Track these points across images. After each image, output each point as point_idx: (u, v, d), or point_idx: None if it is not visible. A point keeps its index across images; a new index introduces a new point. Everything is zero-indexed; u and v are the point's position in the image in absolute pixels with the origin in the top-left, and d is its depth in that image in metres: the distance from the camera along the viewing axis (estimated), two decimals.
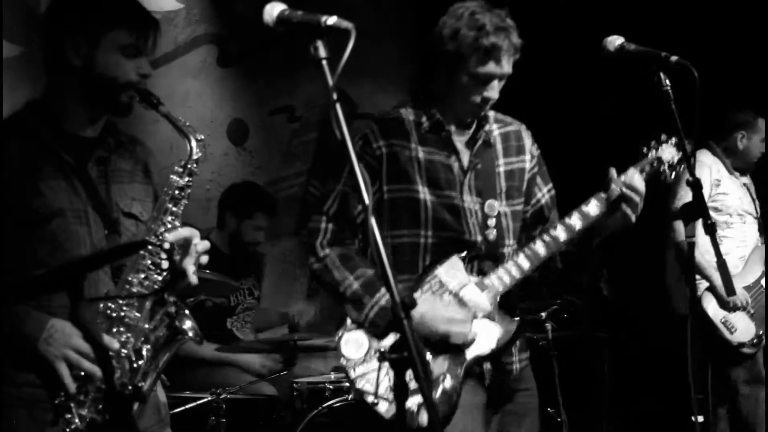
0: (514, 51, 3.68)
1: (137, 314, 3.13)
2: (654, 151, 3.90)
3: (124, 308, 3.11)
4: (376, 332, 3.61)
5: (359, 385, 3.62)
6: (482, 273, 3.71)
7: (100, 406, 3.05)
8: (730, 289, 4.30)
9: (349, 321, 3.67)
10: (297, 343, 5.47)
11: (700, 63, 3.49)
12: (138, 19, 3.25)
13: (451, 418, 3.58)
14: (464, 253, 3.70)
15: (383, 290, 3.55)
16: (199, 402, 5.13)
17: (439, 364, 3.63)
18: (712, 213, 5.48)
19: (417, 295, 3.63)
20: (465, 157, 3.80)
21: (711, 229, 3.57)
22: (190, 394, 5.17)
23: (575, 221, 3.73)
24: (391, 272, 2.57)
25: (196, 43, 6.74)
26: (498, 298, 3.69)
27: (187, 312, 3.16)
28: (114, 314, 3.11)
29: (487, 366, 3.72)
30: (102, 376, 3.01)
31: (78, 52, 3.18)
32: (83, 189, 3.21)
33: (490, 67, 3.65)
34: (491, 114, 3.87)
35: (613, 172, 3.73)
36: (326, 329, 5.42)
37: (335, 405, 5.23)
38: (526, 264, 3.72)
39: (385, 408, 3.58)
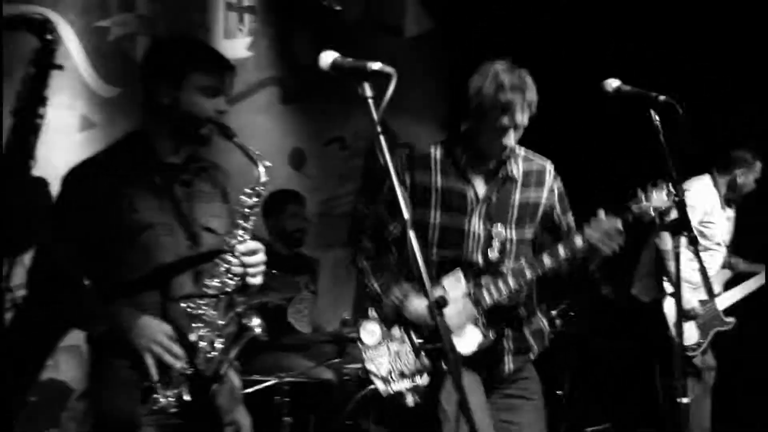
0: (528, 106, 3.75)
1: (213, 312, 3.19)
2: (644, 195, 3.83)
3: (203, 307, 3.18)
4: (388, 324, 3.79)
5: (367, 365, 3.83)
6: (479, 285, 3.81)
7: (183, 388, 3.12)
8: (710, 292, 4.33)
9: (369, 313, 3.84)
10: (348, 335, 5.53)
11: (717, 101, 3.51)
12: (215, 64, 3.34)
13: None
14: (466, 269, 3.82)
15: (395, 290, 3.81)
16: (266, 384, 5.18)
17: (426, 359, 3.79)
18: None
19: (417, 301, 3.79)
20: (480, 188, 3.89)
21: (693, 241, 3.61)
22: (258, 377, 5.20)
23: (561, 250, 3.79)
24: (427, 277, 2.67)
25: (262, 85, 6.80)
26: (485, 308, 3.81)
27: (254, 311, 3.22)
28: (194, 312, 3.18)
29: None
30: (183, 364, 3.11)
31: (167, 92, 3.27)
32: (170, 206, 3.28)
33: (505, 120, 3.73)
34: (521, 152, 3.96)
35: (601, 214, 3.78)
36: None
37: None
38: (512, 282, 3.81)
39: (382, 386, 3.79)
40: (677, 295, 3.72)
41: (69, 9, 5.67)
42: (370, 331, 3.85)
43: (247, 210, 3.31)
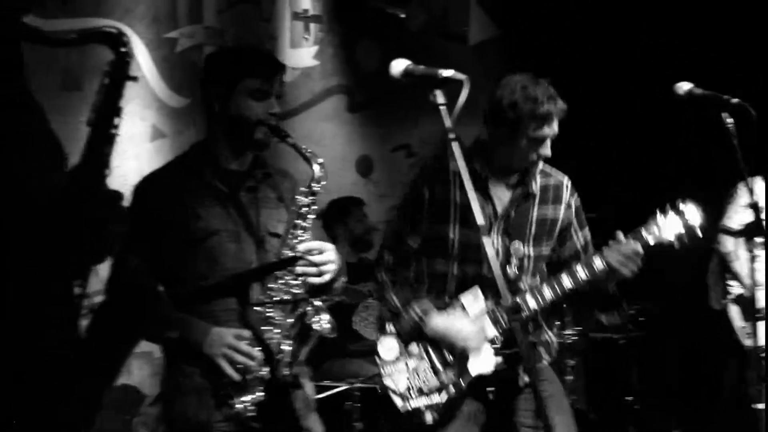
0: (562, 114, 3.74)
1: (281, 314, 3.19)
2: (658, 221, 3.81)
3: (270, 310, 3.18)
4: (407, 339, 3.76)
5: (386, 381, 3.78)
6: (497, 303, 3.75)
7: (258, 393, 3.12)
8: None
9: (387, 328, 3.81)
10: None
11: None
12: (263, 67, 3.34)
13: (447, 424, 3.71)
14: (484, 286, 3.76)
15: (415, 306, 3.77)
16: (337, 390, 5.18)
17: (448, 375, 3.74)
18: None
19: (443, 314, 3.75)
20: (500, 204, 3.84)
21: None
22: (329, 383, 5.21)
23: (580, 271, 3.76)
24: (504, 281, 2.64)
25: (329, 93, 6.81)
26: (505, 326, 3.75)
27: (323, 309, 3.21)
28: (262, 315, 3.18)
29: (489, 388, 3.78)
30: (257, 367, 3.11)
31: (218, 100, 3.29)
32: (236, 213, 3.29)
33: (545, 130, 3.72)
34: (540, 166, 3.90)
35: (620, 236, 3.76)
36: None
37: None
38: (532, 303, 3.76)
39: (399, 402, 3.74)
40: (749, 296, 3.66)
41: (138, 21, 5.75)
42: (388, 347, 3.83)
43: (304, 209, 3.30)
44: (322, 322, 3.19)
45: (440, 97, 2.88)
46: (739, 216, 5.04)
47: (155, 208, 3.21)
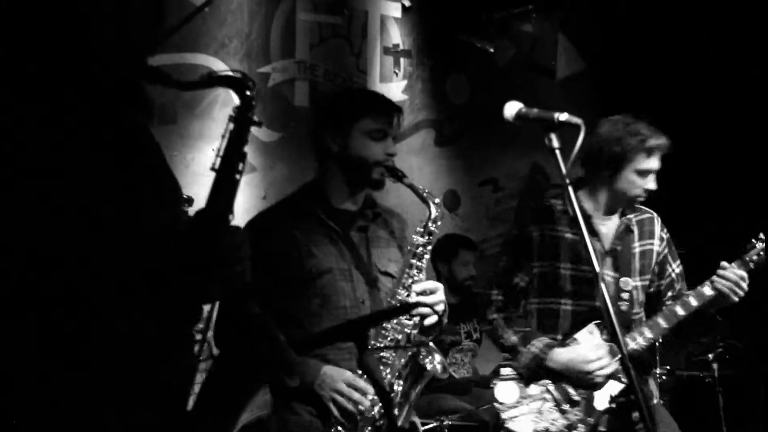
0: (667, 148, 3.80)
1: (393, 354, 3.14)
2: (761, 243, 3.92)
3: (383, 350, 3.15)
4: (527, 375, 3.74)
5: (508, 425, 3.78)
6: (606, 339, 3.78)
7: None
8: None
9: (502, 372, 3.80)
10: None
11: None
12: (381, 108, 3.31)
13: None
14: (600, 321, 3.79)
15: (535, 341, 3.73)
16: (428, 426, 5.09)
17: (575, 414, 3.74)
18: None
19: (561, 350, 3.76)
20: (606, 239, 3.88)
21: None
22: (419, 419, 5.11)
23: (693, 300, 3.82)
24: (619, 325, 2.57)
25: (418, 127, 6.77)
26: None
27: (434, 349, 3.15)
28: (376, 356, 3.15)
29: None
30: (367, 410, 3.06)
31: (335, 140, 3.25)
32: (348, 252, 3.25)
33: (651, 163, 3.77)
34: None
35: (724, 265, 3.81)
36: None
37: None
38: (649, 333, 3.82)
39: None
40: None
41: (231, 56, 5.79)
42: (507, 391, 3.80)
43: (419, 249, 3.28)
44: (435, 362, 3.14)
45: (555, 141, 2.82)
46: None
47: (268, 248, 3.19)
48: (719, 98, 6.66)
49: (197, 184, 3.84)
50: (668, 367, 6.07)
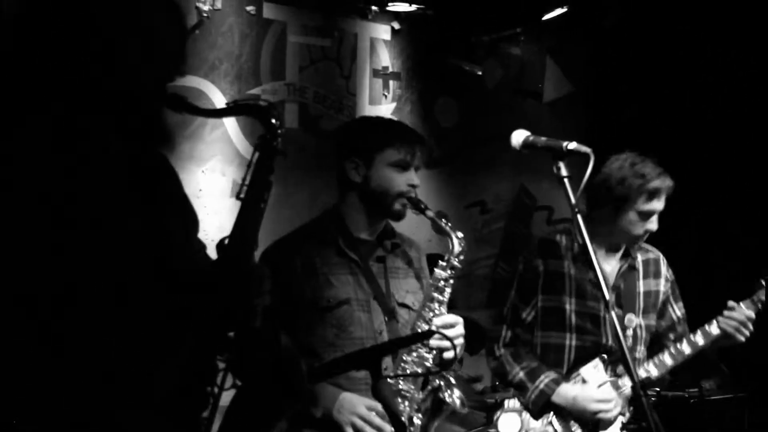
0: (670, 191, 3.84)
1: (412, 387, 3.14)
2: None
3: (401, 382, 3.12)
4: (535, 411, 3.77)
5: None
6: (616, 375, 3.84)
7: None
8: None
9: (506, 404, 3.83)
10: (498, 401, 5.41)
11: None
12: (404, 138, 3.30)
13: None
14: (605, 356, 3.85)
15: (542, 377, 3.75)
16: None
17: None
18: None
19: (567, 386, 3.76)
20: (610, 277, 3.92)
21: None
22: None
23: (700, 339, 3.86)
24: (630, 356, 2.59)
25: None
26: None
27: (454, 383, 3.16)
28: (395, 388, 3.12)
29: None
30: None
31: (357, 170, 3.24)
32: (366, 282, 3.25)
33: (654, 204, 3.81)
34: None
35: (731, 304, 3.85)
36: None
37: None
38: (654, 371, 3.87)
39: None
40: None
41: (221, 78, 5.79)
42: (509, 422, 3.84)
43: (442, 282, 3.28)
44: (455, 396, 3.15)
45: (564, 170, 2.85)
46: None
47: (285, 275, 3.18)
48: (708, 122, 6.70)
49: None
50: (658, 389, 6.10)
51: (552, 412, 3.80)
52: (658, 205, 3.81)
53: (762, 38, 6.19)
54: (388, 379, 3.11)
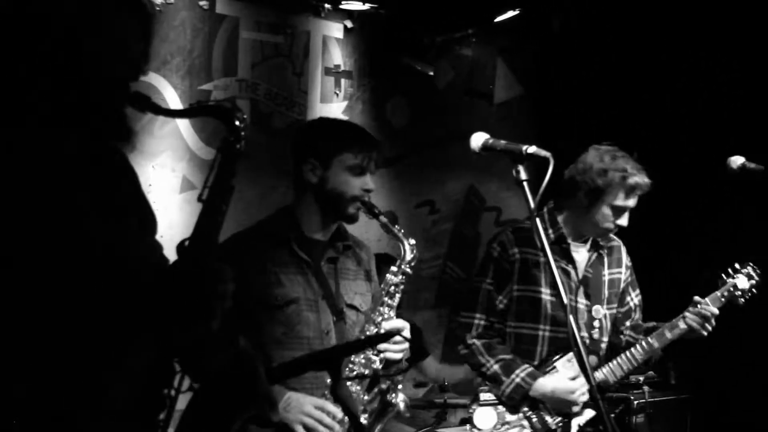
0: (647, 189, 3.87)
1: (357, 388, 3.15)
2: (732, 278, 4.01)
3: (348, 383, 3.13)
4: (512, 404, 3.77)
5: None
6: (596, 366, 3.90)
7: None
8: None
9: (481, 396, 3.82)
10: (447, 402, 5.43)
11: None
12: (362, 143, 3.31)
13: None
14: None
15: (518, 371, 3.72)
16: None
17: None
18: None
19: (544, 380, 3.75)
20: (581, 267, 3.94)
21: None
22: None
23: (667, 333, 3.94)
24: (587, 356, 2.61)
25: None
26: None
27: (399, 387, 3.17)
28: None
29: None
30: None
31: (314, 172, 3.25)
32: (316, 283, 3.25)
33: (629, 201, 3.85)
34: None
35: (697, 300, 3.93)
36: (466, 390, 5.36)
37: None
38: (625, 365, 3.94)
39: None
40: None
41: (173, 72, 5.74)
42: (485, 416, 3.83)
43: (392, 288, 3.29)
44: (399, 398, 3.16)
45: (523, 173, 2.86)
46: None
47: (238, 271, 3.16)
48: (656, 120, 6.77)
49: None
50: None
51: (528, 406, 3.82)
52: (632, 202, 3.84)
53: (712, 41, 6.27)
54: (347, 382, 3.11)
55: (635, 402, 6.20)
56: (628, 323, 4.03)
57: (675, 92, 6.60)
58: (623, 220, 3.86)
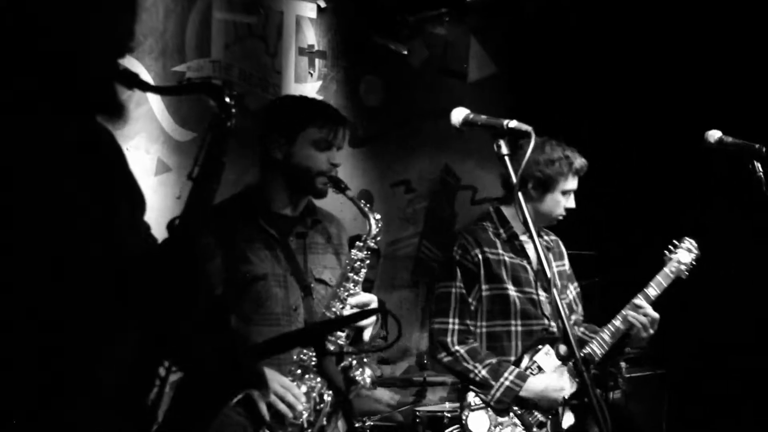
0: (587, 168, 4.06)
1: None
2: (674, 254, 4.16)
3: (314, 358, 3.16)
4: (502, 408, 3.83)
5: None
6: (561, 357, 3.93)
7: None
8: None
9: (471, 401, 3.87)
10: (426, 380, 5.47)
11: None
12: (327, 118, 3.34)
13: None
14: (549, 340, 3.98)
15: (506, 374, 3.78)
16: None
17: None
18: None
19: (534, 379, 3.88)
20: (533, 261, 4.03)
21: None
22: None
23: (619, 325, 4.04)
24: (572, 331, 2.65)
25: None
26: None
27: (366, 362, 3.20)
28: (306, 363, 3.16)
29: None
30: (298, 413, 3.08)
31: (280, 148, 3.28)
32: (284, 258, 3.28)
33: (574, 183, 4.02)
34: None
35: (639, 301, 4.03)
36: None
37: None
38: (599, 351, 4.02)
39: None
40: None
41: (146, 54, 5.69)
42: (478, 421, 3.89)
43: (357, 263, 3.32)
44: (365, 375, 3.19)
45: (505, 148, 2.87)
46: None
47: (204, 249, 3.18)
48: (627, 101, 6.83)
49: None
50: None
51: (516, 405, 3.89)
52: (575, 183, 4.00)
53: (681, 28, 6.32)
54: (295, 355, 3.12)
55: (613, 378, 6.31)
56: (573, 317, 4.12)
57: (648, 69, 6.65)
58: (571, 202, 4.02)
